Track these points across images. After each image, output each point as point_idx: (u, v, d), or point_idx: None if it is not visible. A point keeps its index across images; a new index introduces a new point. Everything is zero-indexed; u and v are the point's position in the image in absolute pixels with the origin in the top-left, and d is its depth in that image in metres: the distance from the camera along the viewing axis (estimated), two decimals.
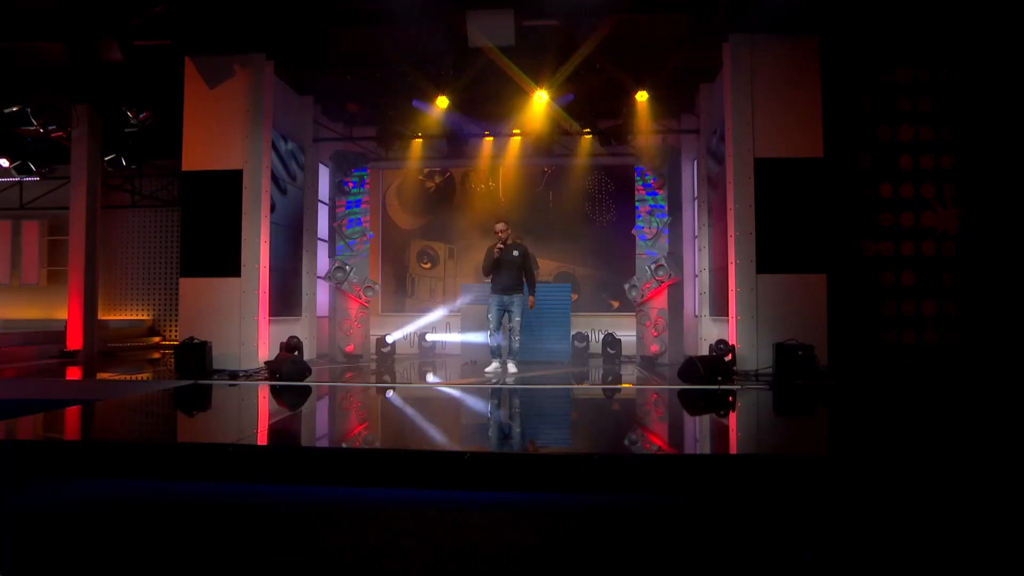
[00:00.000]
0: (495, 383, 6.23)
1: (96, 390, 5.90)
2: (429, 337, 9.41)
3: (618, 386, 6.41)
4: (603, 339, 8.67)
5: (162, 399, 5.47)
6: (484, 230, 9.77)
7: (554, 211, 9.88)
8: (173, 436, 4.17)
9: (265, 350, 7.13)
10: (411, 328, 9.45)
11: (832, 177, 6.72)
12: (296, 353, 7.06)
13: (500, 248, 6.73)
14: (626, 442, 3.92)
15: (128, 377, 6.63)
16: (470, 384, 6.21)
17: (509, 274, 6.78)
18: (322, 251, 9.09)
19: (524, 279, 6.90)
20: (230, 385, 6.05)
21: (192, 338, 6.64)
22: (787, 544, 2.78)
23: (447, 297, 10.08)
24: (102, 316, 10.34)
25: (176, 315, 10.47)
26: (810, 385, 5.85)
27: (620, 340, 8.54)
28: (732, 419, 4.75)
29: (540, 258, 9.83)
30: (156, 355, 9.54)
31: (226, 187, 7.04)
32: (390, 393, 6.01)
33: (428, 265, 10.11)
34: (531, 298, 6.88)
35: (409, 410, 5.24)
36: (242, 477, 3.30)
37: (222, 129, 7.06)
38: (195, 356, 6.46)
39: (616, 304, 9.67)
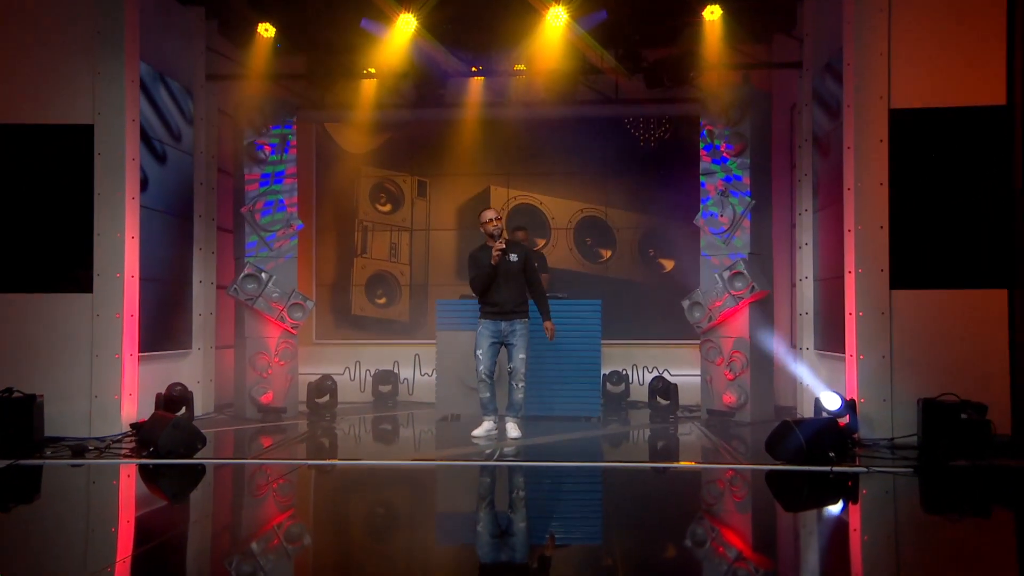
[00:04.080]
0: (487, 455, 6.26)
1: None
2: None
3: (673, 464, 6.48)
4: (650, 383, 8.63)
5: None
6: (471, 159, 9.80)
7: (576, 128, 9.80)
8: None
9: (133, 405, 6.98)
10: None
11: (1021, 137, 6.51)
12: (182, 410, 7.05)
13: (499, 253, 6.72)
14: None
15: None
16: (450, 459, 6.25)
17: (508, 289, 6.81)
18: (225, 248, 8.99)
19: (529, 295, 6.96)
20: (73, 466, 5.88)
21: (10, 390, 6.40)
22: None
23: (417, 263, 10.04)
24: None
25: None
26: (982, 468, 5.63)
27: (675, 385, 8.49)
28: (854, 529, 4.59)
29: (556, 197, 9.89)
30: None
31: (66, 151, 6.88)
32: (326, 470, 6.06)
33: (387, 207, 10.11)
34: (549, 325, 6.92)
35: (354, 510, 5.13)
36: None
37: (55, 58, 6.84)
38: (14, 419, 6.24)
39: (668, 267, 9.75)
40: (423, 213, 10.11)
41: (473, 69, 9.03)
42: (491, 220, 6.76)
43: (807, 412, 7.52)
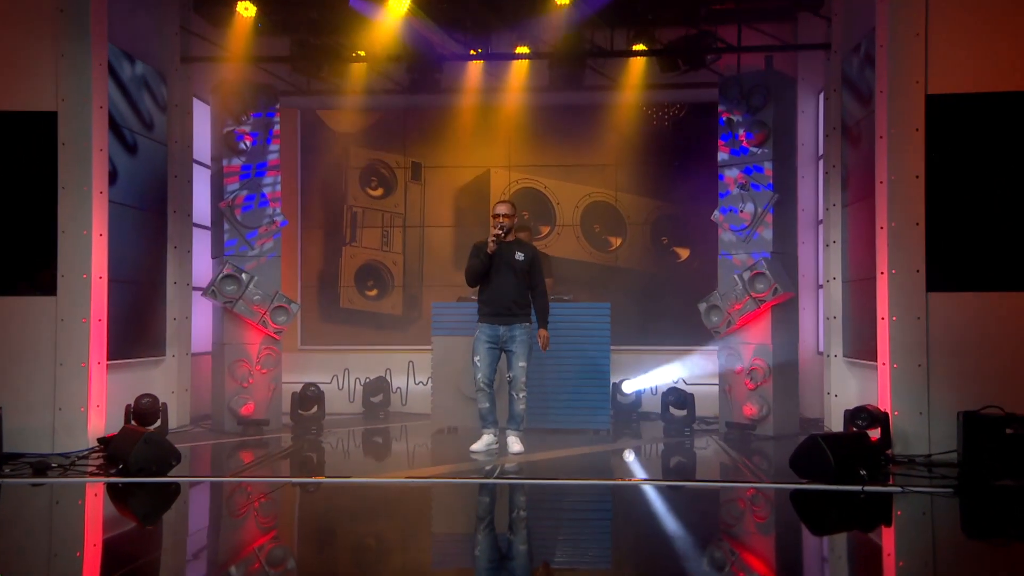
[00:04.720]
0: (487, 471, 6.31)
1: None
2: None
3: (689, 482, 6.42)
4: (664, 393, 8.56)
5: None
6: (470, 142, 9.86)
7: (583, 112, 9.86)
8: None
9: (101, 418, 7.00)
10: None
11: None
12: (157, 423, 7.08)
13: (495, 239, 6.76)
14: None
15: None
16: (446, 476, 6.28)
17: (508, 287, 6.87)
18: (202, 246, 8.96)
19: (532, 299, 7.02)
20: (34, 485, 5.89)
21: None
22: None
23: (411, 252, 9.98)
24: None
25: None
26: None
27: (691, 395, 8.46)
28: (888, 554, 4.57)
29: (564, 181, 9.91)
30: None
31: (26, 140, 6.88)
32: (312, 489, 6.11)
33: (379, 191, 10.11)
34: (543, 332, 6.99)
35: (343, 531, 5.13)
36: None
37: (14, 39, 6.85)
38: None
39: (683, 255, 9.76)
40: (418, 198, 10.07)
41: (471, 52, 9.02)
42: (501, 216, 6.77)
43: (836, 425, 7.49)
